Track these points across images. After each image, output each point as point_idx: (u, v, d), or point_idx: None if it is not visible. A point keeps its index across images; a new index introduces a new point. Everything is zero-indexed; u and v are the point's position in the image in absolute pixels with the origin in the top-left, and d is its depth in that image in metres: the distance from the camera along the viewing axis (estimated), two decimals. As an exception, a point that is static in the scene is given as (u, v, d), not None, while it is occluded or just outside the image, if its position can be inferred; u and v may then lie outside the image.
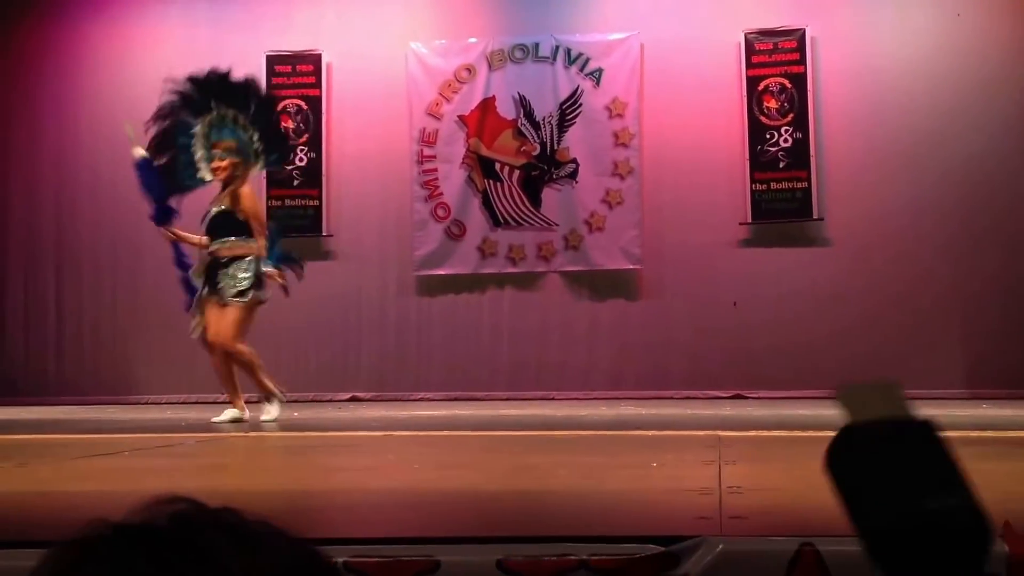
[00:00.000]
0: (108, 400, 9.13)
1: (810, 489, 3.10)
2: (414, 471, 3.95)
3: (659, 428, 5.40)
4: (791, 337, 8.80)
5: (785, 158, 8.94)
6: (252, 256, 6.40)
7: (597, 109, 9.19)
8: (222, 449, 5.13)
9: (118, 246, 9.50)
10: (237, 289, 6.34)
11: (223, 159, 6.49)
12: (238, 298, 6.34)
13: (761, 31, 9.03)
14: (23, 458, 4.40)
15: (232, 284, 6.34)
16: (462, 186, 9.28)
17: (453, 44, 9.38)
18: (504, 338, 9.28)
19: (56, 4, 9.76)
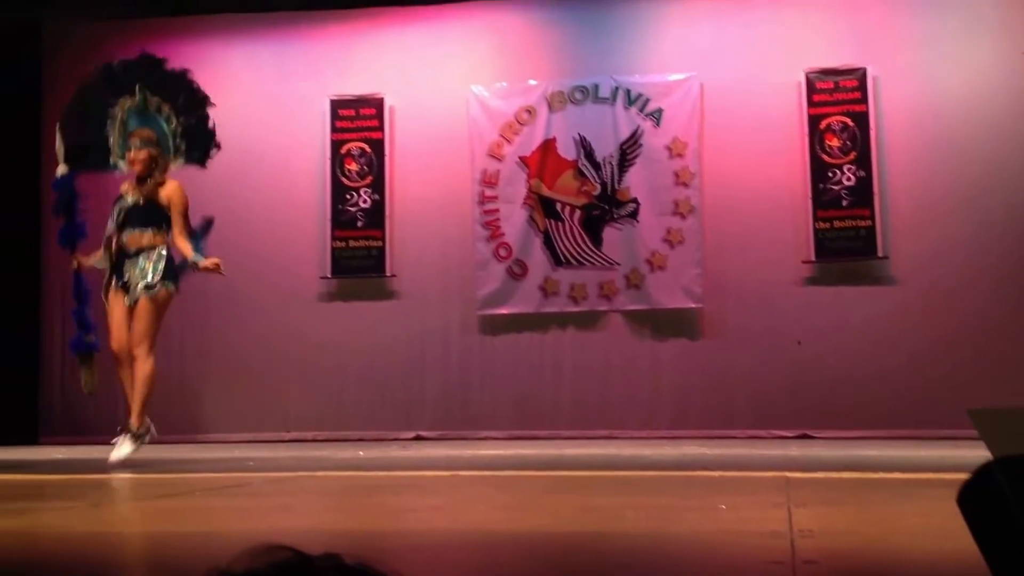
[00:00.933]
0: (176, 439, 9.20)
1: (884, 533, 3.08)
2: (482, 512, 3.95)
3: (725, 468, 5.37)
4: (857, 376, 8.71)
5: (848, 196, 8.90)
6: (164, 246, 6.17)
7: (657, 149, 9.21)
8: (290, 489, 5.17)
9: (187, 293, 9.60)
10: (146, 282, 6.11)
11: (141, 150, 6.19)
12: (147, 291, 6.10)
13: (822, 70, 9.01)
14: (97, 498, 4.48)
15: (141, 276, 6.11)
16: (523, 226, 9.34)
17: (513, 86, 9.47)
18: (566, 377, 9.28)
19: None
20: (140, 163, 6.17)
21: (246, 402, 9.52)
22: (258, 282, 9.45)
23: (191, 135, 6.45)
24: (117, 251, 6.15)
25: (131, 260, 6.11)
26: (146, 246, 6.14)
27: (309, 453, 7.51)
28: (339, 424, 9.33)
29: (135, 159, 6.17)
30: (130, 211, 6.16)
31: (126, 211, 6.17)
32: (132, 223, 6.13)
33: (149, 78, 6.37)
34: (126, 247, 6.12)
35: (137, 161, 6.17)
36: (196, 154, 6.59)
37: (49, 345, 9.84)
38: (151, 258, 6.11)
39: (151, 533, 3.49)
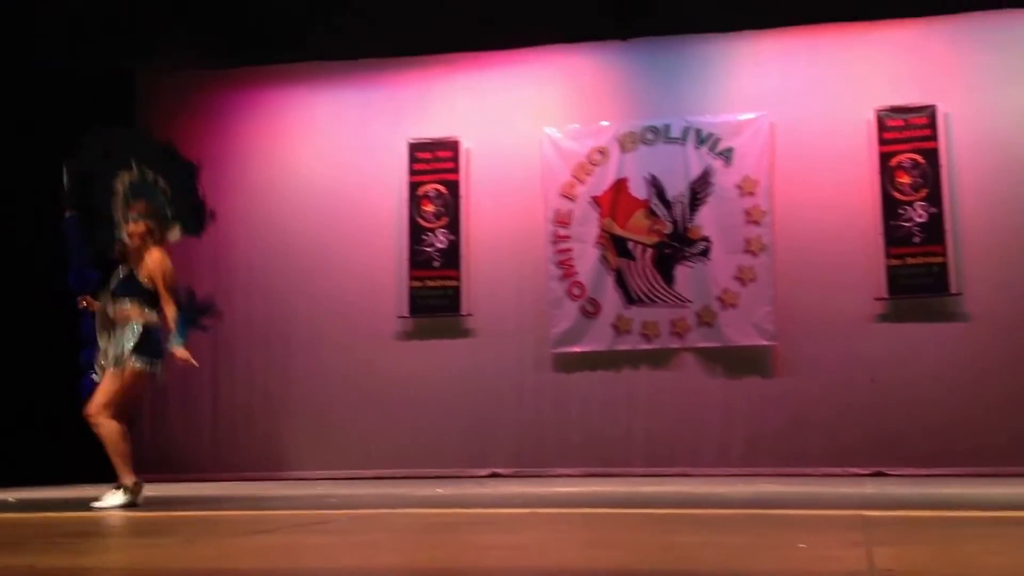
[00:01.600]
0: (260, 476, 9.48)
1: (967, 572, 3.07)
2: (561, 549, 3.98)
3: (801, 507, 5.36)
4: (932, 413, 8.68)
5: (920, 233, 8.90)
6: (142, 322, 6.12)
7: (728, 188, 9.30)
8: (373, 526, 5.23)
9: (271, 336, 9.92)
10: (115, 355, 6.09)
11: (137, 222, 6.23)
12: (115, 365, 6.08)
13: (892, 108, 9.05)
14: (189, 535, 4.59)
15: (115, 348, 6.09)
16: (596, 265, 9.46)
17: (586, 128, 9.64)
18: (639, 414, 9.35)
19: (209, 103, 10.32)
20: (136, 236, 6.23)
21: (327, 440, 9.73)
22: (339, 321, 9.74)
23: (184, 207, 6.45)
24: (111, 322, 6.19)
25: (119, 330, 6.15)
26: (129, 319, 6.14)
27: (389, 490, 7.62)
28: (417, 461, 9.49)
29: (132, 232, 6.23)
30: (121, 282, 6.22)
31: (119, 282, 6.23)
32: (117, 294, 6.19)
33: (141, 151, 6.44)
34: (115, 319, 6.17)
35: (134, 234, 6.22)
36: (191, 226, 6.56)
37: (140, 387, 10.12)
38: (126, 333, 6.11)
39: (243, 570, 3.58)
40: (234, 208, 10.13)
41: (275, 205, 10.08)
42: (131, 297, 6.13)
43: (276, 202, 10.08)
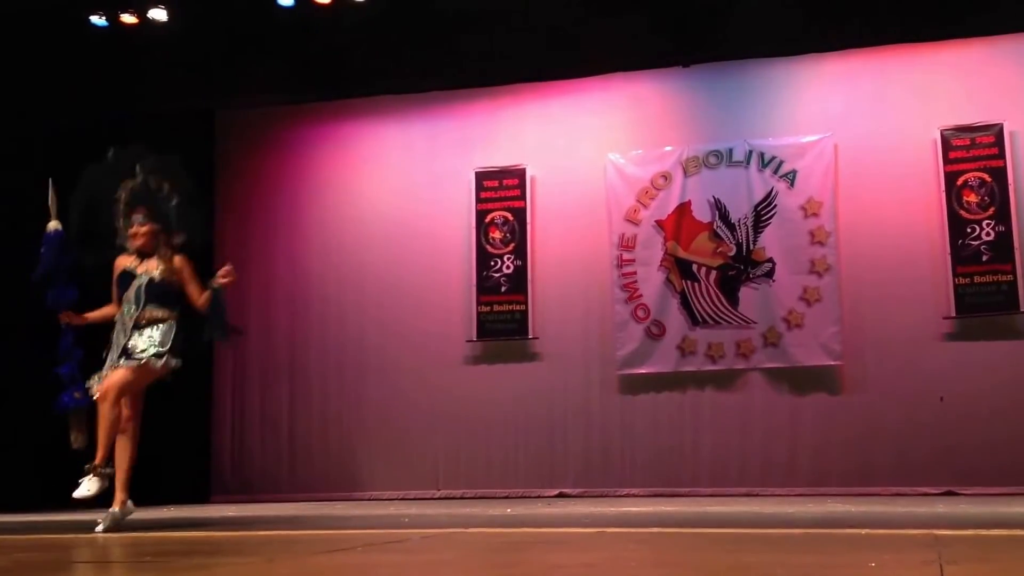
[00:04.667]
0: (335, 496, 9.66)
1: None
2: (632, 569, 3.98)
3: (871, 526, 5.30)
4: (1003, 432, 8.59)
5: (988, 252, 8.85)
6: (172, 321, 6.13)
7: (792, 209, 9.32)
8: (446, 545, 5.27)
9: (343, 358, 10.10)
10: (146, 350, 6.04)
11: (143, 224, 6.18)
12: (143, 356, 6.03)
13: (958, 127, 9.03)
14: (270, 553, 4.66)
15: (149, 343, 6.06)
16: (661, 287, 9.52)
17: (649, 153, 9.72)
18: (706, 434, 9.37)
19: (285, 138, 10.58)
20: (141, 236, 6.18)
21: (399, 461, 9.88)
22: (409, 347, 9.92)
23: (185, 214, 6.40)
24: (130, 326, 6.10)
25: (139, 331, 6.09)
26: (155, 319, 6.13)
27: (459, 510, 7.70)
28: (485, 482, 9.61)
29: (136, 233, 6.17)
30: (148, 288, 6.14)
31: (145, 288, 6.14)
32: (151, 299, 6.12)
33: (145, 159, 6.38)
34: (140, 322, 6.09)
35: (139, 235, 6.17)
36: (195, 231, 6.51)
37: (220, 410, 10.43)
38: (161, 328, 6.10)
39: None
40: (309, 239, 10.41)
41: (348, 235, 10.28)
42: (159, 301, 6.13)
43: (349, 232, 10.28)
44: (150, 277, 6.15)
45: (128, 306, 6.13)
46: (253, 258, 10.36)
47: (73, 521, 6.71)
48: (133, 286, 6.15)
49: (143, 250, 6.20)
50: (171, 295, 6.18)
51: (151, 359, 6.04)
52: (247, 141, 10.54)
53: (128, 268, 6.20)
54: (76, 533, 5.98)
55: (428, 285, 10.00)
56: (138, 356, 6.03)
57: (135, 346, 6.06)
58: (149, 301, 6.12)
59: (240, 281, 10.35)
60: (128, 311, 6.12)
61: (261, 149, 10.55)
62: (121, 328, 6.12)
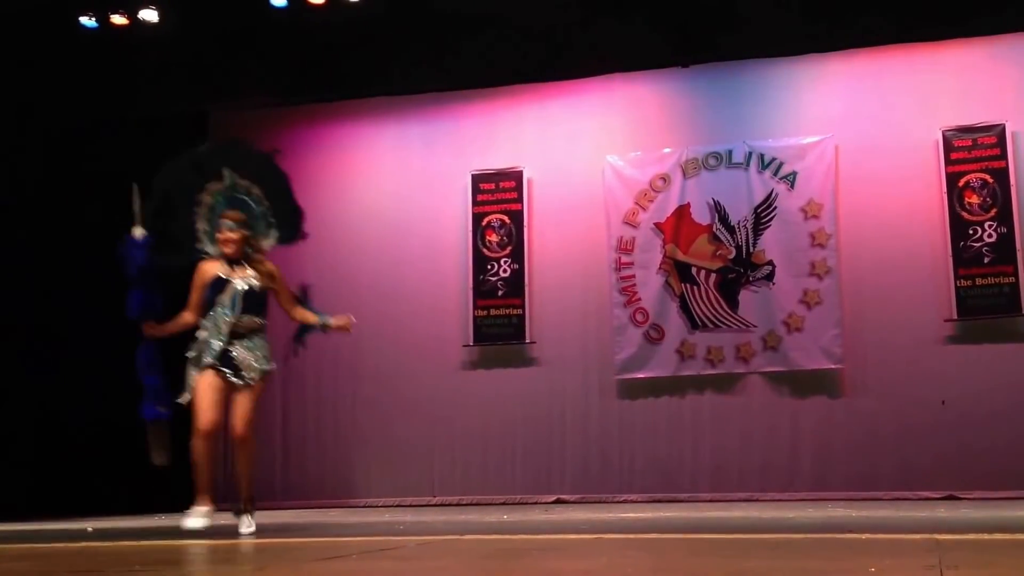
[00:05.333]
0: (330, 504, 9.59)
1: None
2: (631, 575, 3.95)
3: (872, 531, 5.29)
4: (1005, 436, 8.53)
5: (990, 253, 8.78)
6: (264, 330, 6.12)
7: (792, 211, 9.26)
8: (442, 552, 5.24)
9: (338, 363, 10.02)
10: (260, 368, 6.06)
11: (233, 231, 6.04)
12: (264, 374, 6.07)
13: (959, 128, 8.96)
14: (262, 562, 4.63)
15: (255, 360, 6.05)
16: (660, 291, 9.46)
17: (648, 155, 9.66)
18: (705, 439, 9.30)
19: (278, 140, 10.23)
20: (232, 244, 6.05)
21: (395, 467, 9.81)
22: (405, 351, 9.84)
23: (282, 215, 6.36)
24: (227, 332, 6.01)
25: (241, 340, 6.02)
26: (256, 328, 6.08)
27: (456, 517, 7.66)
28: (482, 488, 9.54)
29: (227, 240, 6.03)
30: (247, 296, 6.04)
31: (241, 295, 6.03)
32: (248, 308, 6.03)
33: (235, 161, 6.30)
34: (237, 330, 6.01)
35: (229, 242, 6.04)
36: (287, 234, 6.47)
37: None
38: (261, 340, 6.07)
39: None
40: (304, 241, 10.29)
41: (343, 238, 10.22)
42: (256, 310, 6.06)
43: (343, 235, 10.22)
44: (249, 285, 6.06)
45: (223, 310, 6.03)
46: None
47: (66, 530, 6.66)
48: (228, 291, 6.04)
49: (233, 257, 6.08)
50: (265, 304, 6.14)
51: (262, 377, 6.08)
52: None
53: (221, 275, 6.08)
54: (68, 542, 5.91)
55: (424, 289, 9.93)
56: (250, 378, 6.03)
57: (242, 360, 6.01)
58: (246, 310, 6.03)
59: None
60: (223, 315, 6.02)
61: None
62: (215, 331, 6.02)
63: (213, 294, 6.05)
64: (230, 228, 6.04)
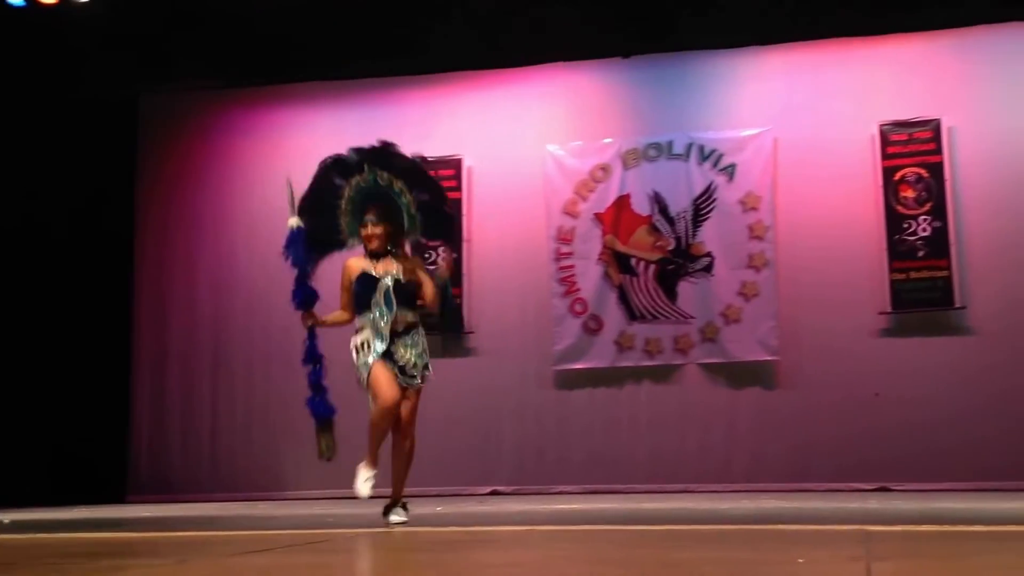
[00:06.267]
0: (258, 496, 9.44)
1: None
2: (561, 567, 3.93)
3: (803, 522, 5.33)
4: (937, 428, 8.62)
5: (924, 247, 8.85)
6: (420, 324, 5.98)
7: (731, 203, 9.27)
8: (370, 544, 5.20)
9: (270, 352, 9.87)
10: (425, 361, 5.94)
11: (378, 224, 5.92)
12: (426, 371, 5.96)
13: (896, 122, 9.03)
14: (183, 555, 4.51)
15: (418, 358, 5.92)
16: (599, 281, 9.43)
17: (588, 145, 9.62)
18: (642, 431, 9.29)
19: (212, 123, 10.35)
20: (377, 238, 5.90)
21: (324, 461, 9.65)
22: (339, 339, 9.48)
23: (427, 210, 6.16)
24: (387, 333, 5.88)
25: (401, 339, 5.87)
26: (412, 323, 5.92)
27: (387, 509, 7.55)
28: (416, 480, 9.32)
29: (372, 234, 5.89)
30: (396, 290, 5.85)
31: (391, 290, 5.85)
32: (401, 303, 5.84)
33: (379, 161, 6.18)
34: (395, 326, 5.85)
35: (375, 236, 5.89)
36: (434, 230, 6.33)
37: (138, 407, 10.15)
38: (419, 335, 5.94)
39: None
40: (236, 228, 10.19)
41: (278, 224, 9.99)
42: (409, 304, 5.89)
43: (279, 221, 10.00)
44: (396, 279, 5.88)
45: (379, 310, 5.88)
46: (178, 246, 10.18)
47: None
48: (379, 289, 5.88)
49: (378, 252, 5.94)
50: (415, 295, 5.96)
51: (423, 375, 5.97)
52: (173, 127, 10.30)
53: (366, 271, 5.95)
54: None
55: (359, 277, 9.78)
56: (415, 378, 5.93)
57: (407, 361, 5.89)
58: (400, 304, 5.85)
59: (163, 270, 10.31)
60: (382, 315, 5.88)
61: (187, 136, 10.30)
62: (376, 333, 5.89)
63: (363, 291, 5.94)
64: (374, 223, 5.91)
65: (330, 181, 6.22)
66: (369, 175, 6.14)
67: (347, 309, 6.08)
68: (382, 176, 6.12)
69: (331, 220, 6.16)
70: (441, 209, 6.33)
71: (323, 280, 6.18)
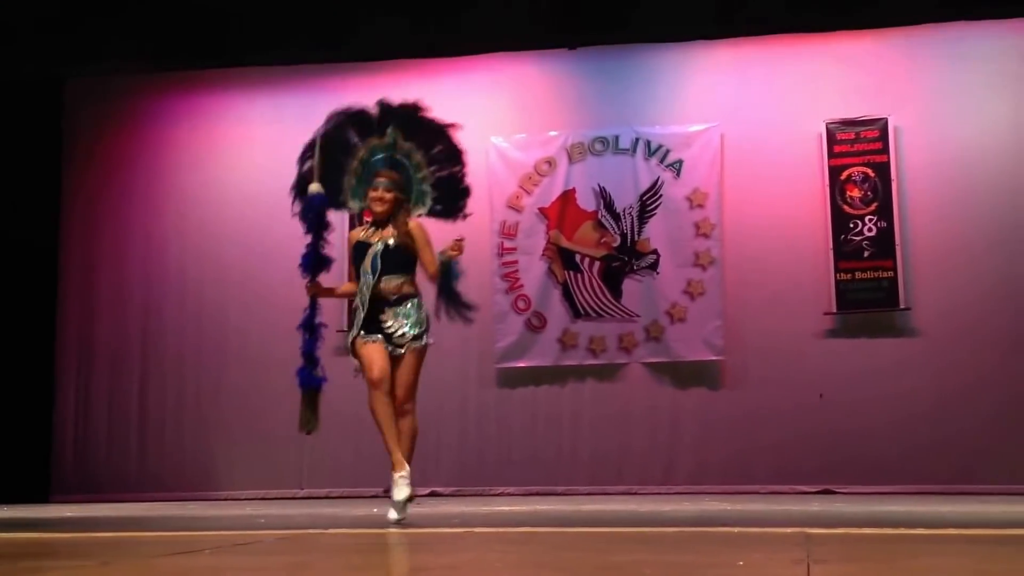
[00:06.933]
0: (189, 496, 9.24)
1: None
2: (496, 570, 3.86)
3: (745, 524, 5.30)
4: (880, 430, 8.61)
5: (870, 247, 8.84)
6: (419, 298, 5.81)
7: (677, 200, 9.19)
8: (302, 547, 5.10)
9: (201, 347, 9.67)
10: (416, 332, 5.74)
11: (388, 190, 5.74)
12: (416, 342, 5.74)
13: (843, 121, 9.00)
14: (107, 556, 4.41)
15: (410, 326, 5.73)
16: (542, 278, 9.31)
17: (534, 138, 9.49)
18: (585, 431, 9.20)
19: (141, 109, 10.10)
20: (384, 203, 5.72)
21: (260, 457, 9.48)
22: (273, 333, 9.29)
23: (442, 188, 6.01)
24: (372, 299, 5.71)
25: (392, 307, 5.70)
26: (406, 293, 5.74)
27: (322, 510, 7.47)
28: (352, 481, 9.26)
29: (380, 198, 5.72)
30: (383, 255, 5.71)
31: (380, 255, 5.72)
32: (388, 268, 5.70)
33: (406, 124, 6.02)
34: (384, 294, 5.69)
35: (382, 200, 5.72)
36: (443, 208, 6.08)
37: (63, 403, 9.88)
38: (415, 307, 5.75)
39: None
40: (166, 216, 9.97)
41: (209, 213, 9.87)
42: (408, 271, 5.75)
43: (210, 210, 9.86)
44: (385, 244, 5.72)
45: (365, 276, 5.72)
46: (105, 238, 9.93)
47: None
48: (368, 255, 5.73)
49: (380, 219, 5.76)
50: (409, 262, 5.77)
51: (421, 345, 5.74)
52: (101, 113, 10.05)
53: (362, 239, 5.81)
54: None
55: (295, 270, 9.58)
56: (403, 345, 5.70)
57: (394, 329, 5.69)
58: (388, 271, 5.69)
59: (90, 262, 10.05)
60: (365, 282, 5.71)
61: (116, 121, 10.04)
62: (360, 301, 5.73)
63: (358, 259, 5.79)
64: (385, 187, 5.74)
65: (343, 135, 6.03)
66: (390, 138, 5.97)
67: (352, 279, 5.92)
68: (402, 146, 5.96)
69: (336, 177, 5.97)
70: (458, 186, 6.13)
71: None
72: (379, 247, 5.73)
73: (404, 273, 5.74)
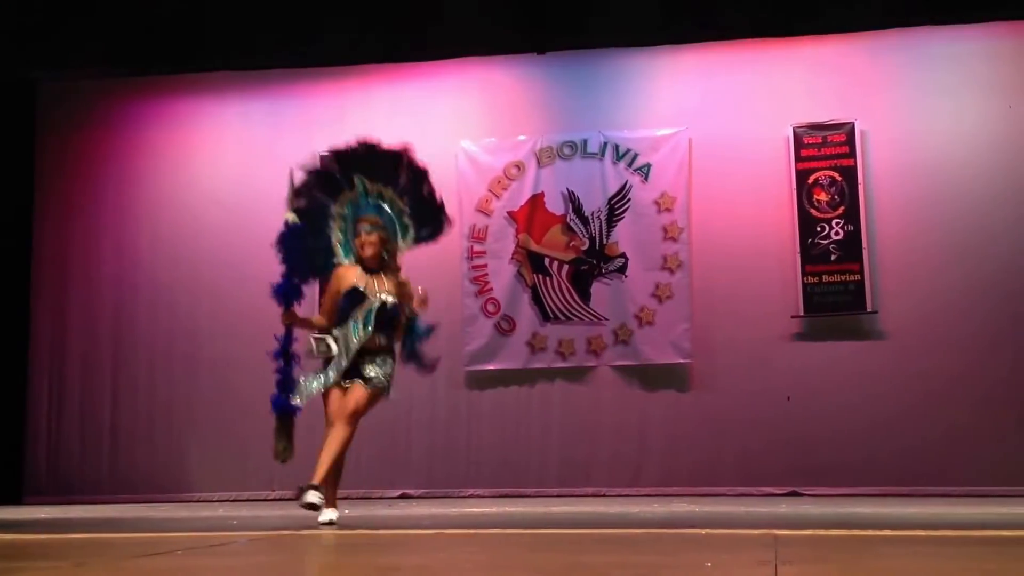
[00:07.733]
0: (161, 498, 9.21)
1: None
2: (466, 571, 3.90)
3: (712, 526, 5.34)
4: (847, 433, 8.67)
5: (837, 251, 8.91)
6: (394, 352, 6.03)
7: (646, 204, 9.24)
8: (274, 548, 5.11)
9: (173, 350, 9.64)
10: (382, 377, 5.91)
11: (371, 233, 5.92)
12: (374, 384, 5.90)
13: (810, 125, 9.08)
14: (80, 558, 4.42)
15: (381, 373, 5.91)
16: (511, 281, 9.34)
17: (503, 142, 9.52)
18: (554, 433, 9.22)
19: (113, 113, 10.06)
20: (372, 245, 5.90)
21: (231, 459, 9.45)
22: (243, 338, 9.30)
23: (422, 212, 6.18)
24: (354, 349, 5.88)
25: (370, 358, 5.90)
26: (387, 348, 5.96)
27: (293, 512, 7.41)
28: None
29: (366, 241, 5.90)
30: (380, 313, 5.89)
31: (375, 312, 5.88)
32: (380, 327, 5.90)
33: (365, 165, 6.16)
34: (370, 347, 5.89)
35: (369, 243, 5.90)
36: (426, 231, 6.28)
37: (36, 406, 9.82)
38: (388, 363, 5.95)
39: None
40: (139, 222, 9.94)
41: (182, 219, 9.83)
42: (388, 329, 5.94)
43: (183, 215, 9.83)
44: (383, 302, 5.91)
45: (356, 327, 5.88)
46: (77, 242, 9.89)
47: None
48: (363, 308, 5.88)
49: (370, 262, 5.93)
50: (397, 322, 6.01)
51: (385, 389, 5.95)
52: (74, 116, 10.01)
53: (356, 285, 5.92)
54: None
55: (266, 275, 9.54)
56: (377, 383, 5.90)
57: (367, 371, 5.88)
58: (380, 329, 5.89)
59: (62, 266, 9.99)
60: (356, 332, 5.88)
61: (89, 125, 10.01)
62: (344, 348, 5.88)
63: (348, 305, 5.91)
64: (367, 231, 5.92)
65: (317, 203, 6.14)
66: (359, 187, 6.12)
67: (326, 315, 6.01)
68: (371, 188, 6.10)
69: (325, 243, 6.11)
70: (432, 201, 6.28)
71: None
72: (376, 304, 5.88)
73: (391, 330, 5.97)
